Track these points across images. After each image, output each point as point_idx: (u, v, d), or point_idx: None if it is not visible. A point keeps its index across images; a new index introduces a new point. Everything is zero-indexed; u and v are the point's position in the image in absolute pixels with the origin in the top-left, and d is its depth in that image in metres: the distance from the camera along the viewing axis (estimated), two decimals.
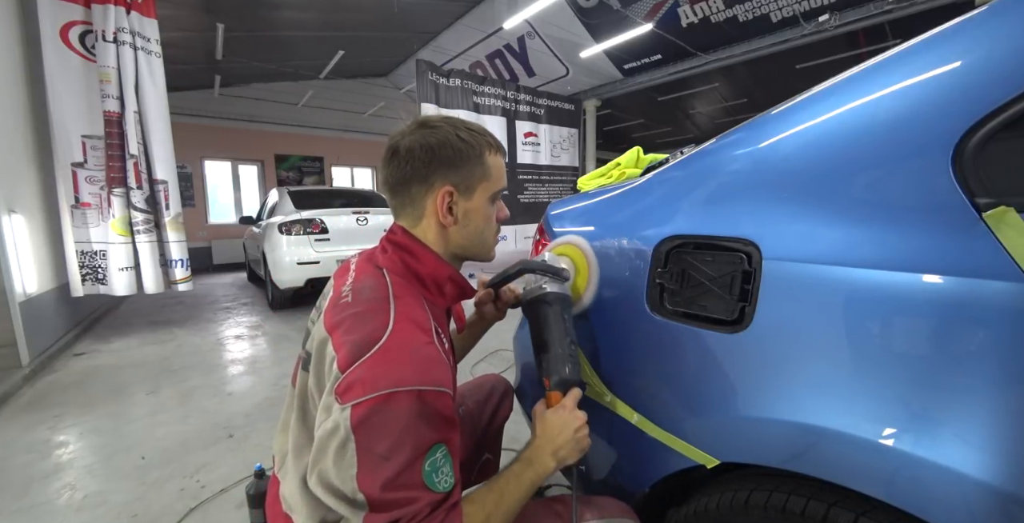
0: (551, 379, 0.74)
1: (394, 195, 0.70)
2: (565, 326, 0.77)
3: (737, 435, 0.60)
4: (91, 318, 3.88)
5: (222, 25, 5.26)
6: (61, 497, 1.47)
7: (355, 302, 0.62)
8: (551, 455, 0.66)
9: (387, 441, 0.51)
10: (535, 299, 0.80)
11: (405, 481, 0.51)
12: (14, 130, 2.92)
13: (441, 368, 0.57)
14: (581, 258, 0.86)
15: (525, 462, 0.66)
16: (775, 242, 0.58)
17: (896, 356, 0.48)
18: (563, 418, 0.68)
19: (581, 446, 0.68)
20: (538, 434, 0.68)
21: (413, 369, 0.54)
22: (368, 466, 0.51)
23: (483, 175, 0.69)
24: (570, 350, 0.75)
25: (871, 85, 0.55)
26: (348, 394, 0.52)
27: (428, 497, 0.52)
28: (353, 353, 0.55)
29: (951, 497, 0.43)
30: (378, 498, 0.51)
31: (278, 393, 2.30)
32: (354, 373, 0.53)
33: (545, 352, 0.76)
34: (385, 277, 0.65)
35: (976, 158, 0.45)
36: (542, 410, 0.71)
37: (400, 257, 0.68)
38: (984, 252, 0.43)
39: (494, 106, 5.86)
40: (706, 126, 11.02)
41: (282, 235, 3.88)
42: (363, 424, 0.51)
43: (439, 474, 0.54)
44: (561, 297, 0.79)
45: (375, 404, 0.51)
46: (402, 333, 0.57)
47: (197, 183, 7.93)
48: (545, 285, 0.79)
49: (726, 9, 5.43)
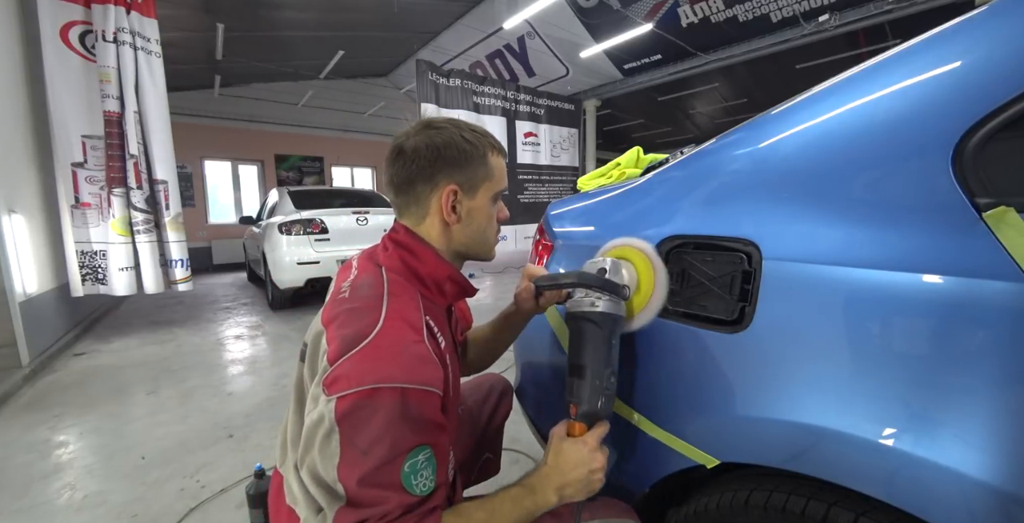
0: (579, 409, 0.67)
1: (398, 194, 0.70)
2: (609, 354, 0.68)
3: (737, 435, 0.60)
4: (91, 318, 3.88)
5: (222, 25, 5.26)
6: (61, 497, 1.47)
7: (351, 298, 0.63)
8: (556, 489, 0.61)
9: (368, 436, 0.52)
10: (582, 315, 0.70)
11: (381, 479, 0.51)
12: (14, 130, 2.92)
13: (429, 367, 0.56)
14: (646, 268, 0.72)
15: (527, 488, 0.62)
16: (775, 242, 0.58)
17: (896, 356, 0.48)
18: (581, 455, 0.63)
19: (591, 488, 0.63)
20: (549, 463, 0.64)
21: (399, 366, 0.54)
22: (349, 458, 0.52)
23: (486, 175, 0.70)
24: (608, 383, 0.67)
25: (871, 85, 0.55)
26: (334, 386, 0.53)
27: (401, 499, 0.52)
28: (342, 347, 0.56)
29: (951, 497, 0.43)
30: (354, 493, 0.51)
31: (278, 393, 2.30)
32: (342, 366, 0.54)
33: (579, 378, 0.68)
34: (383, 275, 0.66)
35: (976, 158, 0.45)
36: (561, 436, 0.66)
37: (400, 255, 0.69)
38: (984, 252, 0.43)
39: (494, 106, 5.86)
40: (706, 126, 11.02)
41: (282, 235, 3.88)
42: (347, 417, 0.52)
43: (419, 476, 0.53)
44: (613, 318, 0.69)
45: (359, 399, 0.52)
46: (392, 331, 0.58)
47: (197, 183, 7.93)
48: (599, 301, 0.69)
49: (726, 9, 5.43)
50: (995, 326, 0.42)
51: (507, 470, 1.53)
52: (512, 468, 1.55)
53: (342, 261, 3.96)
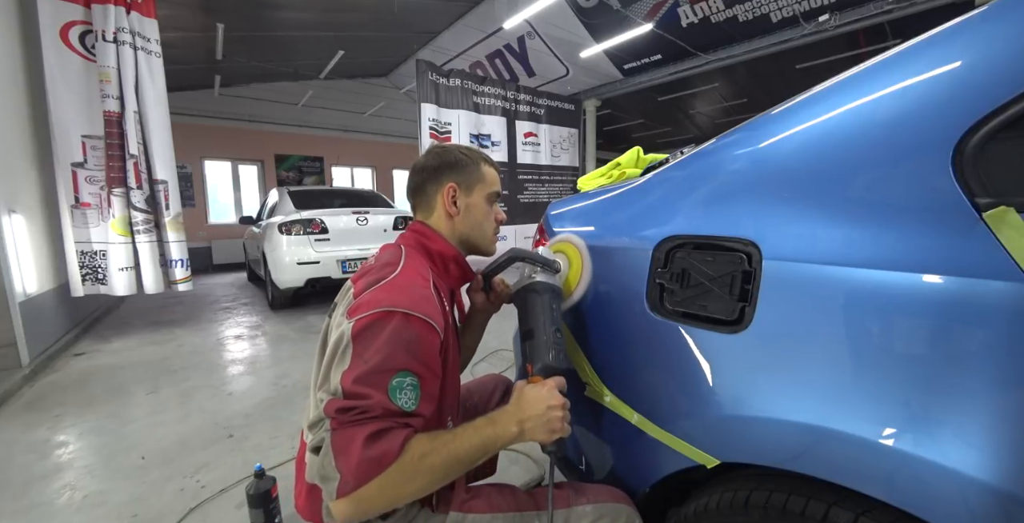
0: (534, 366, 0.74)
1: (414, 196, 0.90)
2: (552, 315, 0.78)
3: (737, 435, 0.60)
4: (91, 318, 3.88)
5: (222, 25, 5.25)
6: (61, 497, 1.47)
7: (376, 264, 0.78)
8: (517, 422, 0.67)
9: (372, 347, 0.62)
10: (524, 288, 0.83)
11: (372, 380, 0.60)
12: (14, 130, 2.92)
13: (431, 305, 0.69)
14: (576, 254, 0.89)
15: (489, 419, 0.68)
16: (775, 242, 0.58)
17: (896, 356, 0.48)
18: (539, 393, 0.70)
19: (551, 426, 0.68)
20: (511, 401, 0.71)
21: (408, 297, 0.67)
22: (353, 365, 0.62)
23: (479, 178, 0.88)
24: (555, 338, 0.75)
25: (871, 85, 0.55)
26: (355, 312, 0.66)
27: (384, 401, 0.60)
28: (366, 286, 0.71)
29: (951, 497, 0.43)
30: (348, 388, 0.60)
31: (278, 393, 2.30)
32: (363, 298, 0.68)
33: (530, 339, 0.77)
34: (401, 249, 0.81)
35: (976, 158, 0.45)
36: (522, 384, 0.73)
37: (415, 237, 0.85)
38: (984, 252, 0.43)
39: (494, 106, 5.86)
40: (706, 126, 11.02)
41: (282, 235, 3.88)
42: (360, 334, 0.63)
43: (403, 393, 0.61)
44: (550, 287, 0.82)
45: (373, 319, 0.64)
46: (406, 275, 0.73)
47: (197, 183, 7.93)
48: (535, 275, 0.83)
49: (726, 9, 5.42)
50: (995, 326, 0.42)
51: (506, 470, 1.53)
52: (511, 468, 1.55)
53: (342, 261, 3.98)
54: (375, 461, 0.56)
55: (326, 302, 4.57)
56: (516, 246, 0.90)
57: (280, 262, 3.85)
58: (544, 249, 0.91)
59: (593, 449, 0.89)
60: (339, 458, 0.57)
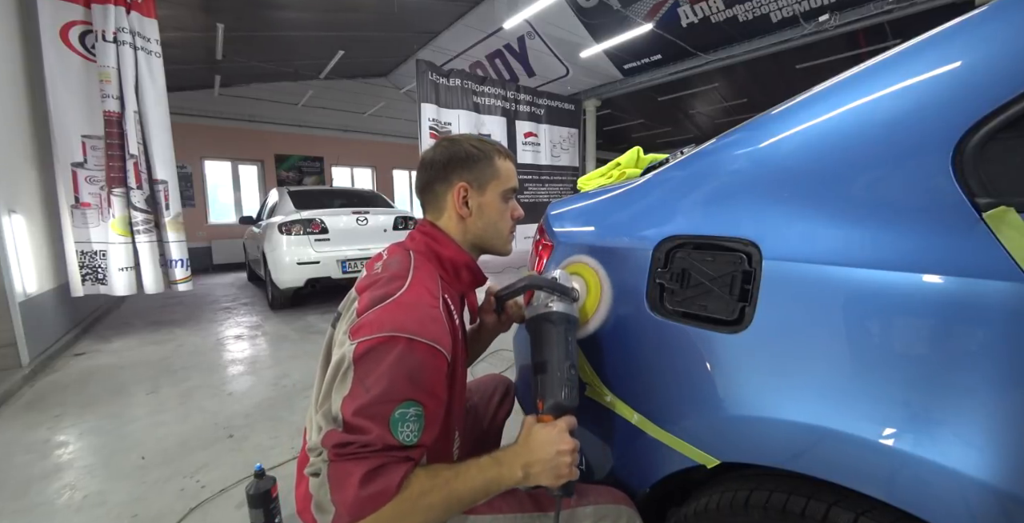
0: (545, 403, 0.71)
1: (423, 195, 0.83)
2: (568, 349, 0.73)
3: (737, 435, 0.60)
4: (91, 318, 3.88)
5: (222, 25, 5.25)
6: (61, 497, 1.47)
7: (384, 271, 0.73)
8: (522, 465, 0.64)
9: (374, 375, 0.59)
10: (539, 316, 0.77)
11: (373, 413, 0.58)
12: (14, 130, 2.92)
13: (438, 327, 0.65)
14: (594, 279, 0.82)
15: (495, 459, 0.65)
16: (775, 242, 0.58)
17: (896, 356, 0.48)
18: (549, 436, 0.66)
19: (558, 472, 0.65)
20: (519, 442, 0.68)
21: (414, 320, 0.63)
22: (354, 393, 0.59)
23: (493, 174, 0.80)
24: (568, 374, 0.71)
25: (871, 85, 0.55)
26: (358, 333, 0.62)
27: (385, 436, 0.57)
28: (370, 303, 0.66)
29: (951, 497, 0.43)
30: (348, 420, 0.58)
31: (278, 393, 2.30)
32: (367, 317, 0.64)
33: (543, 373, 0.73)
34: (410, 255, 0.77)
35: (976, 158, 0.45)
36: (532, 422, 0.70)
37: (425, 241, 0.80)
38: (984, 252, 0.43)
39: (494, 106, 5.86)
40: (706, 126, 11.01)
41: (282, 235, 3.88)
42: (363, 358, 0.60)
43: (404, 426, 0.59)
44: (567, 318, 0.76)
45: (376, 343, 0.60)
46: (413, 293, 0.68)
47: (197, 183, 7.93)
48: (552, 303, 0.77)
49: (726, 9, 5.42)
50: (995, 326, 0.42)
51: None
52: None
53: (342, 261, 3.98)
54: (371, 499, 0.55)
55: (326, 302, 4.57)
56: (532, 273, 0.85)
57: (280, 262, 3.85)
58: (561, 272, 0.83)
59: (593, 449, 0.88)
60: (335, 492, 0.56)
